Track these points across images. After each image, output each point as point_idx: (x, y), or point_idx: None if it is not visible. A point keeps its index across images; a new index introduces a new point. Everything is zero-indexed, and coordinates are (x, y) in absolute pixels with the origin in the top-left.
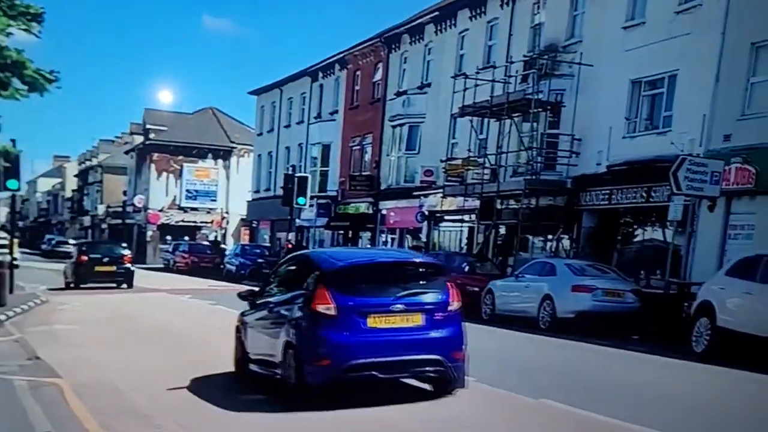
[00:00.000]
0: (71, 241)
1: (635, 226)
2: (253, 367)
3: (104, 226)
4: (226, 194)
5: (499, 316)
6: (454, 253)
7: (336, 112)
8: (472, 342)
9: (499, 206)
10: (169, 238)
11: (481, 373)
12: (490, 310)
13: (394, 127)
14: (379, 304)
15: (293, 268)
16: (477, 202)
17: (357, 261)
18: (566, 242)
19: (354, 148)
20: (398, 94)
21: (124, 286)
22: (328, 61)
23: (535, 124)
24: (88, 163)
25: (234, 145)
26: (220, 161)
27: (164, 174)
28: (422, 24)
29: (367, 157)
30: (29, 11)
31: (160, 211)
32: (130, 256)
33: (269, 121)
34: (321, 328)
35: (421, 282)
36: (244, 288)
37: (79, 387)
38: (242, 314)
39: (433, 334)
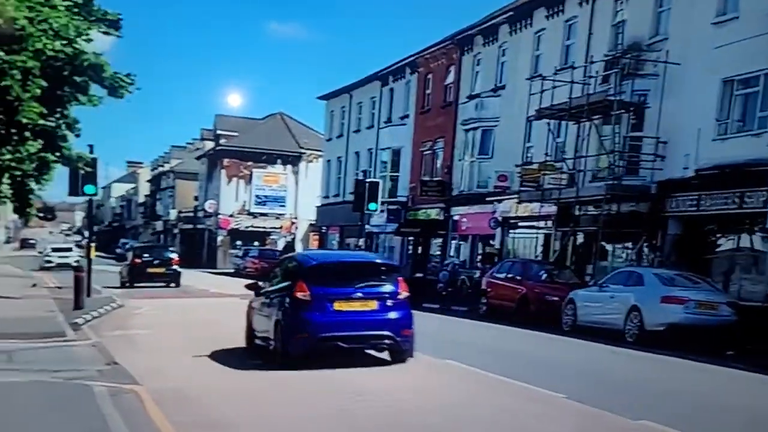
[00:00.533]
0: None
1: (725, 234)
2: (257, 341)
3: (176, 231)
4: (295, 200)
5: (581, 328)
6: (531, 260)
7: (407, 116)
8: (555, 354)
9: (577, 212)
10: (239, 243)
11: (569, 388)
12: (571, 321)
13: (466, 131)
14: (343, 292)
15: (285, 265)
16: (554, 208)
17: (327, 260)
18: (647, 250)
19: (425, 152)
20: (471, 97)
21: (173, 285)
22: (398, 65)
23: (616, 127)
24: (160, 169)
25: (303, 151)
26: (289, 167)
27: (234, 179)
28: (496, 25)
29: (439, 162)
30: (107, 17)
31: (230, 216)
32: (177, 258)
33: (339, 126)
34: (300, 310)
35: (377, 277)
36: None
37: (157, 394)
38: (250, 302)
39: (386, 316)
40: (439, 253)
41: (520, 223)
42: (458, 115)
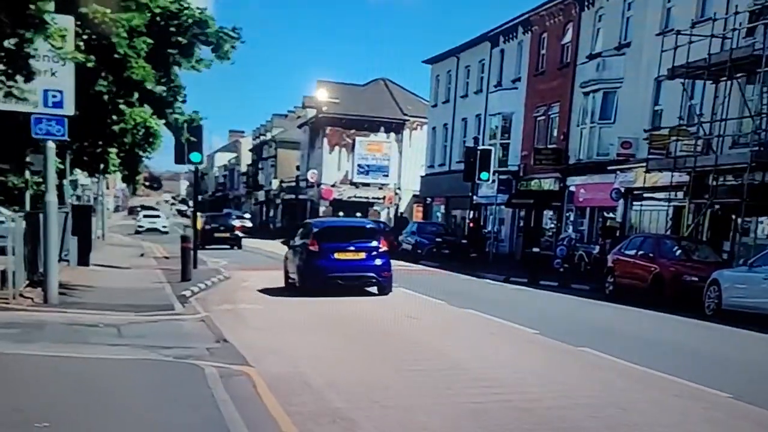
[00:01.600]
0: (246, 216)
1: None
2: (290, 280)
3: (278, 201)
4: (399, 169)
5: (727, 313)
6: (665, 236)
7: (518, 79)
8: (704, 344)
9: (713, 183)
10: (341, 213)
11: (733, 386)
12: (715, 304)
13: (586, 94)
14: (341, 246)
15: (304, 228)
16: (686, 178)
17: (331, 224)
18: None
19: (539, 118)
20: (591, 57)
21: (236, 248)
22: (510, 24)
23: (765, 86)
24: (262, 138)
25: (407, 118)
26: (392, 134)
27: (336, 148)
28: None
29: (554, 128)
30: None
31: (333, 186)
32: (240, 225)
33: (444, 92)
34: (312, 257)
35: (365, 236)
36: (420, 267)
37: (270, 379)
38: (285, 254)
39: (371, 263)
40: (553, 226)
41: (646, 195)
42: (576, 77)
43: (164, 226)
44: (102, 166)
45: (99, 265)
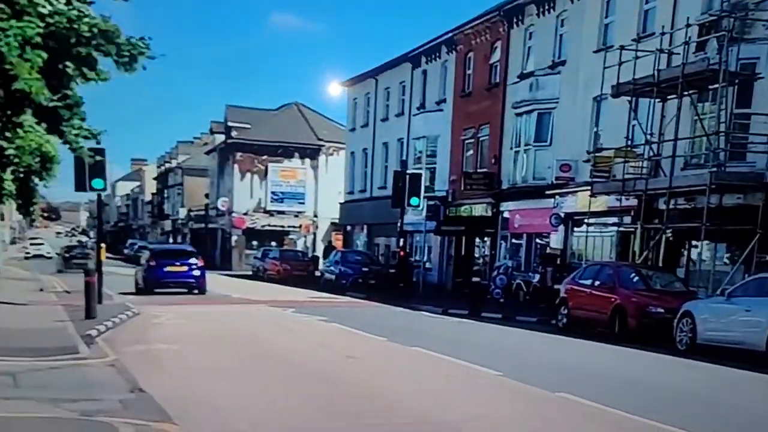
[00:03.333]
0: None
1: None
2: (138, 285)
3: (186, 230)
4: (315, 196)
5: (703, 348)
6: (624, 264)
7: (443, 101)
8: (686, 384)
9: (663, 206)
10: (255, 243)
11: None
12: (688, 338)
13: (518, 115)
14: (169, 262)
15: (147, 252)
16: (632, 202)
17: (163, 249)
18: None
19: (467, 141)
20: (522, 76)
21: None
22: (432, 44)
23: (720, 103)
24: (167, 165)
25: (322, 143)
26: (307, 160)
27: (248, 175)
28: None
29: (485, 151)
30: None
31: (245, 214)
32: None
33: (363, 115)
34: (151, 269)
35: (187, 256)
36: (346, 299)
37: None
38: (136, 270)
39: (191, 273)
40: (486, 254)
41: (588, 220)
42: (507, 98)
43: (48, 252)
44: None
45: None
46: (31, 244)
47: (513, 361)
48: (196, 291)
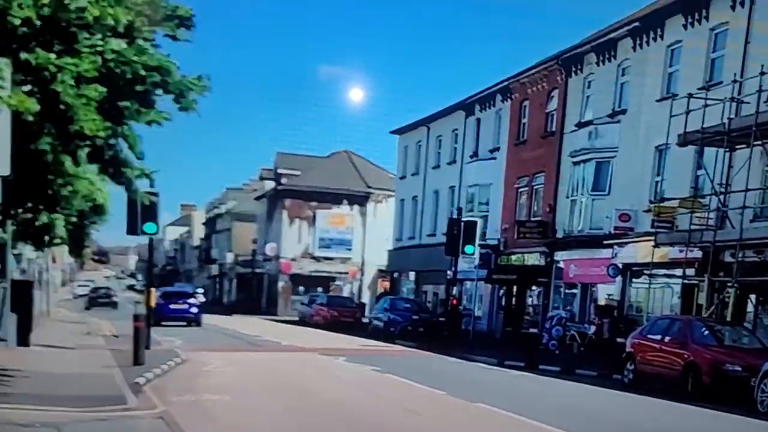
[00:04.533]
0: (199, 290)
1: None
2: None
3: (233, 275)
4: (362, 243)
5: None
6: (696, 318)
7: (497, 149)
8: None
9: (729, 259)
10: (301, 288)
11: None
12: None
13: (576, 164)
14: (173, 300)
15: (157, 292)
16: (695, 254)
17: (169, 290)
18: None
19: (521, 189)
20: (580, 125)
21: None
22: (487, 92)
23: None
24: (216, 211)
25: (371, 190)
26: (356, 207)
27: (297, 221)
28: (615, 39)
29: (539, 200)
30: (176, 13)
31: (292, 260)
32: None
33: (414, 163)
34: (158, 307)
35: (187, 296)
36: (397, 347)
37: None
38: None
39: (190, 309)
40: (538, 303)
41: (648, 271)
42: (564, 146)
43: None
44: (47, 238)
45: (41, 345)
46: (79, 285)
47: (582, 419)
48: (194, 323)
